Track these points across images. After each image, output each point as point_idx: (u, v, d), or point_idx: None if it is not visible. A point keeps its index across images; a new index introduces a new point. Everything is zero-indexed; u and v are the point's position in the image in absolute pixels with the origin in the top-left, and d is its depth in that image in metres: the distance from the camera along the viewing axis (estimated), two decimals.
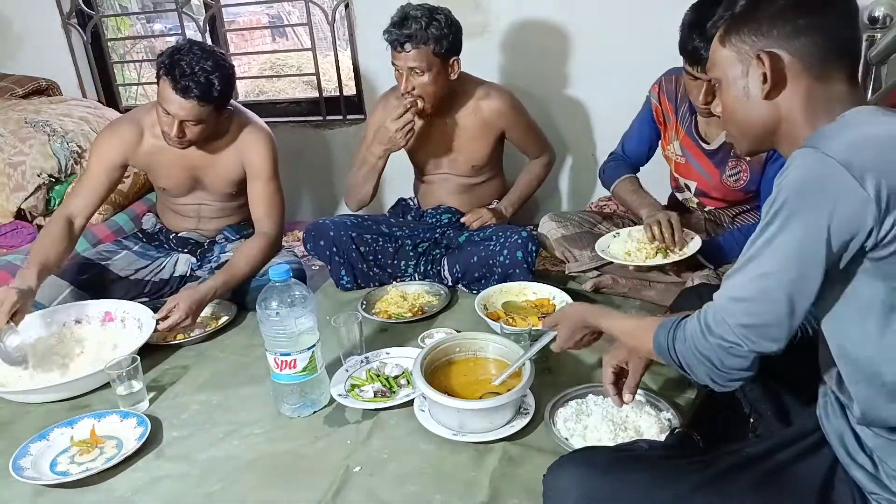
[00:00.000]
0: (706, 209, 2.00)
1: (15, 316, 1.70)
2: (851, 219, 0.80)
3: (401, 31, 1.88)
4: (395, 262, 2.17)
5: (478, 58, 2.63)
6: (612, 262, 1.96)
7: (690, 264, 1.85)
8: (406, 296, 2.06)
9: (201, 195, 2.20)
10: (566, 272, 2.10)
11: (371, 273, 2.14)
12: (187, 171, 2.11)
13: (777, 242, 0.85)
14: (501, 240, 2.03)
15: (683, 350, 0.96)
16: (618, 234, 1.94)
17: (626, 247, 1.87)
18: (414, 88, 1.95)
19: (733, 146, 1.82)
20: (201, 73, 1.82)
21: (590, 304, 1.53)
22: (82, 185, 2.06)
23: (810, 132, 0.90)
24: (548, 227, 2.13)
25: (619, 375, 1.32)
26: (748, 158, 1.82)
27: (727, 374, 0.91)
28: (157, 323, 1.82)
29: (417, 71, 1.92)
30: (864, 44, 1.81)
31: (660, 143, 2.03)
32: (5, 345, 1.70)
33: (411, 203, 2.39)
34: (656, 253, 1.80)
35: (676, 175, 2.01)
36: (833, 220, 0.81)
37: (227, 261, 2.15)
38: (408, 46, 1.88)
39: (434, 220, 2.28)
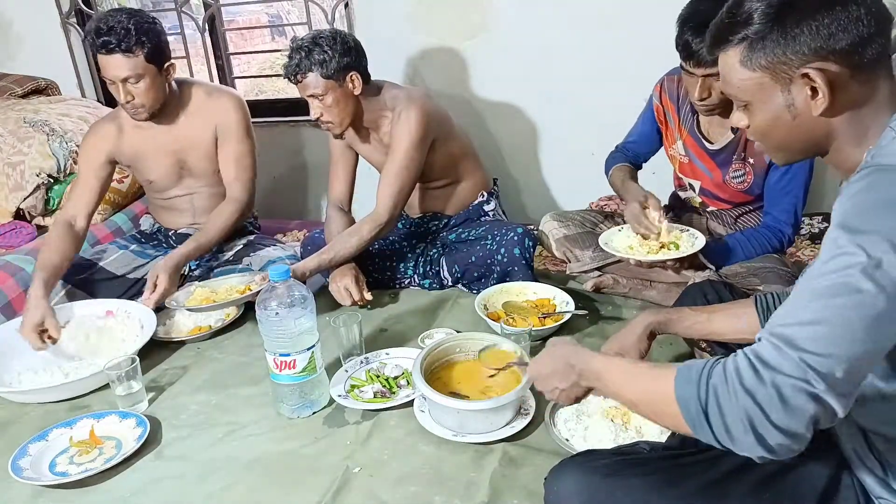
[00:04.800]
0: (709, 209, 1.99)
1: (43, 333, 1.78)
2: None
3: (289, 63, 1.92)
4: (394, 264, 2.17)
5: (477, 57, 2.64)
6: (613, 263, 1.97)
7: (693, 264, 1.84)
8: (216, 290, 1.94)
9: (190, 183, 2.22)
10: (567, 272, 2.09)
11: (371, 278, 2.13)
12: (171, 155, 2.15)
13: (854, 267, 0.71)
14: (497, 238, 2.03)
15: (722, 393, 0.74)
16: (622, 228, 1.93)
17: (629, 241, 1.86)
18: (322, 114, 1.96)
19: (737, 148, 1.82)
20: (117, 26, 1.88)
21: (569, 342, 1.08)
22: (76, 188, 2.13)
23: (856, 136, 0.87)
24: (549, 227, 2.13)
25: None
26: (752, 161, 1.81)
27: (778, 429, 0.71)
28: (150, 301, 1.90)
29: (317, 97, 1.93)
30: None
31: (663, 142, 2.03)
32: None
33: (402, 211, 2.37)
34: (659, 249, 1.79)
35: (680, 175, 2.00)
36: None
37: (227, 259, 2.17)
38: (299, 77, 1.91)
39: (423, 229, 2.29)
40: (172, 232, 2.28)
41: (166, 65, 1.99)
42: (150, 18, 1.97)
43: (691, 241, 1.79)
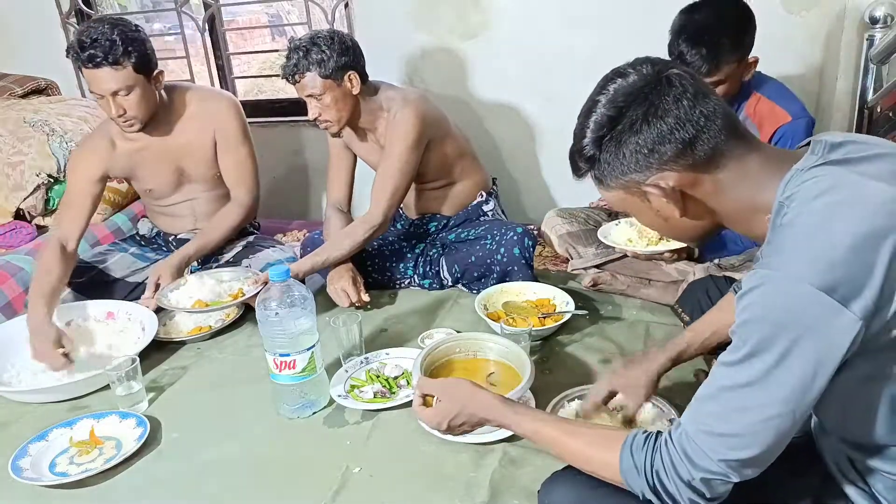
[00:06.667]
0: None
1: (68, 356, 1.74)
2: (845, 342, 0.74)
3: (287, 63, 1.91)
4: (394, 264, 2.17)
5: (477, 57, 2.64)
6: (616, 259, 1.99)
7: (690, 255, 1.84)
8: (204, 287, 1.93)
9: (189, 189, 2.19)
10: (569, 269, 2.10)
11: (370, 278, 2.13)
12: (169, 164, 2.11)
13: (762, 380, 0.77)
14: (497, 237, 2.03)
15: (665, 480, 0.85)
16: (619, 221, 1.94)
17: (628, 233, 1.87)
18: (321, 114, 1.95)
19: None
20: (101, 38, 1.82)
21: (489, 394, 1.11)
22: (67, 208, 2.06)
23: (745, 214, 0.88)
24: (553, 223, 2.13)
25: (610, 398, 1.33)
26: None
27: (714, 499, 0.85)
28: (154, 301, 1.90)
29: (316, 96, 1.93)
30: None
31: None
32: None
33: (400, 211, 2.38)
34: (658, 240, 1.80)
35: None
36: (826, 351, 0.74)
37: (227, 261, 2.16)
38: (297, 77, 1.91)
39: (422, 230, 2.29)
40: (173, 237, 2.26)
41: (155, 73, 1.94)
42: (133, 26, 1.90)
43: None
